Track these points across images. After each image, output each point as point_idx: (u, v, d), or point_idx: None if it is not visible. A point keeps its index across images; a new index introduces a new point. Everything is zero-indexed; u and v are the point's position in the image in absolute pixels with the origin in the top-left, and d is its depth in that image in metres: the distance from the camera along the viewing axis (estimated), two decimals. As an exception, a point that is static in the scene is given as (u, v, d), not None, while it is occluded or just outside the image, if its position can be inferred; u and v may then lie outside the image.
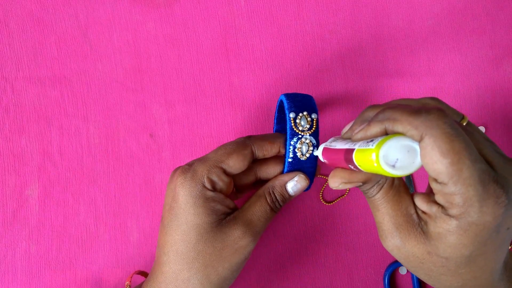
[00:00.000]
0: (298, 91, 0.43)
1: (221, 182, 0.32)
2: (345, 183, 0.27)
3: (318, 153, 0.32)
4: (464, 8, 0.44)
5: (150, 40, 0.42)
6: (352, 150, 0.25)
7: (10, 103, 0.41)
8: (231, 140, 0.42)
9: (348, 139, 0.28)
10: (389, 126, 0.24)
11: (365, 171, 0.25)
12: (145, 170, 0.41)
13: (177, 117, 0.42)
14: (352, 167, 0.26)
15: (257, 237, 0.32)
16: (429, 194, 0.26)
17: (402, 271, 0.43)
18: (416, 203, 0.27)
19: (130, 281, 0.36)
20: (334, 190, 0.43)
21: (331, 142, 0.30)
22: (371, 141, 0.24)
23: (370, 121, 0.25)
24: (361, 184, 0.27)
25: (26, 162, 0.41)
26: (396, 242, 0.27)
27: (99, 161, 0.41)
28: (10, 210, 0.40)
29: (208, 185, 0.31)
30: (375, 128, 0.24)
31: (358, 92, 0.43)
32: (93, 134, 0.41)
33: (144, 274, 0.38)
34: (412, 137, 0.23)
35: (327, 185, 0.43)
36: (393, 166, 0.22)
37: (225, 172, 0.32)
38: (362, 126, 0.26)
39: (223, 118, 0.42)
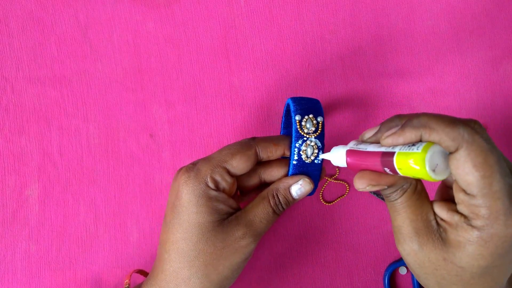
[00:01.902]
0: (298, 91, 0.43)
1: (224, 182, 0.32)
2: (373, 185, 0.27)
3: (330, 156, 0.31)
4: (464, 8, 0.44)
5: (150, 40, 0.42)
6: (392, 153, 0.25)
7: (10, 103, 0.41)
8: (231, 140, 0.42)
9: (374, 143, 0.28)
10: (425, 134, 0.24)
11: (401, 174, 0.25)
12: (145, 170, 0.41)
13: (177, 117, 0.42)
14: (388, 170, 0.26)
15: (258, 238, 0.32)
16: (449, 203, 0.26)
17: (402, 271, 0.43)
18: (436, 210, 0.27)
19: (129, 280, 0.36)
20: (334, 190, 0.43)
21: (356, 145, 0.29)
22: (413, 145, 0.24)
23: (403, 126, 0.25)
24: (386, 187, 0.27)
25: (26, 162, 0.41)
26: (414, 246, 0.27)
27: (99, 161, 0.41)
28: (10, 210, 0.40)
29: (211, 184, 0.31)
30: (410, 134, 0.25)
31: (358, 93, 0.43)
32: (93, 134, 0.41)
33: (144, 273, 0.38)
34: (447, 148, 0.23)
35: (327, 185, 0.43)
36: (434, 171, 0.23)
37: (228, 172, 0.32)
38: (393, 130, 0.26)
39: (223, 118, 0.42)
